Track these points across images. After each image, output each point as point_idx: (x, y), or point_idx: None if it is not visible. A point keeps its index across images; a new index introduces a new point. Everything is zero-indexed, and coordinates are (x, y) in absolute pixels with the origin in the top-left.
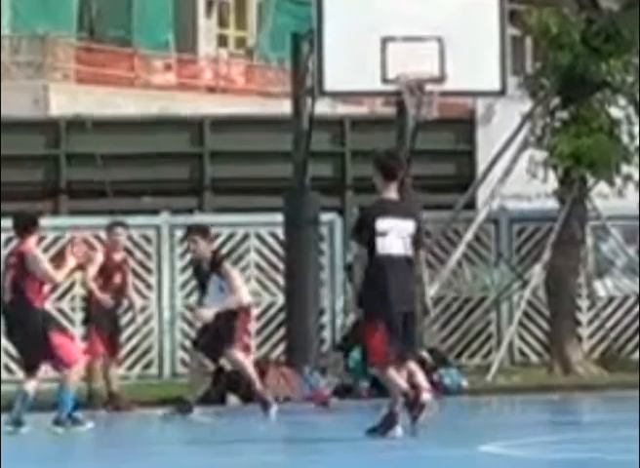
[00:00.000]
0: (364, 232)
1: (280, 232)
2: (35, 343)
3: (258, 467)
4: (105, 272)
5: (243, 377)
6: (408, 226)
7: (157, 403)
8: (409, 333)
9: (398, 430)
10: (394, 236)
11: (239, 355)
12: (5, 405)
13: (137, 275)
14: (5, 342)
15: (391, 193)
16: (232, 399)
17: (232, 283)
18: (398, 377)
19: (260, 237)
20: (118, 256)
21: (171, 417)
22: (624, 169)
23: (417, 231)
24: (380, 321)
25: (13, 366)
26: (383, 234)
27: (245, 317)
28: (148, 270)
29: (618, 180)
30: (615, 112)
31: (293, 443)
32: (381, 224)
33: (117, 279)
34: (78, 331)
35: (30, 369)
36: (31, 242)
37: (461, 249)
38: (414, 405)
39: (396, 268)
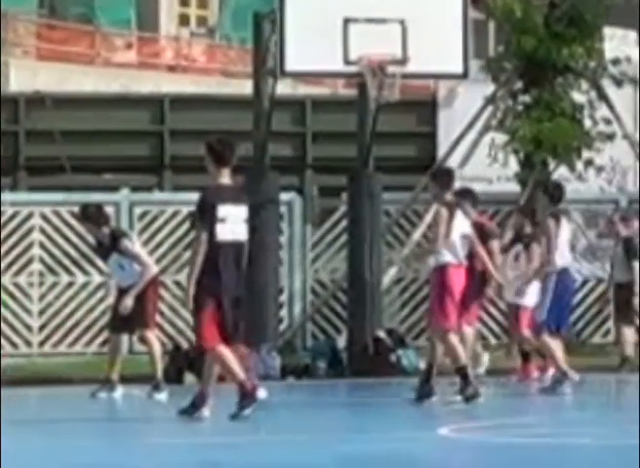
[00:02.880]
0: (206, 217)
1: None
2: None
3: (213, 448)
4: None
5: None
6: (243, 212)
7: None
8: (238, 318)
9: (206, 412)
10: (231, 222)
11: (153, 338)
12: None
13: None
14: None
15: (225, 179)
16: (189, 377)
17: (139, 258)
18: (237, 365)
19: None
20: None
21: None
22: (585, 154)
23: (250, 216)
24: (211, 305)
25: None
26: (222, 221)
27: (153, 294)
28: None
29: (579, 165)
30: (577, 97)
31: (247, 423)
32: (221, 211)
33: None
34: (36, 306)
35: None
36: None
37: (421, 230)
38: (247, 396)
39: (233, 254)
